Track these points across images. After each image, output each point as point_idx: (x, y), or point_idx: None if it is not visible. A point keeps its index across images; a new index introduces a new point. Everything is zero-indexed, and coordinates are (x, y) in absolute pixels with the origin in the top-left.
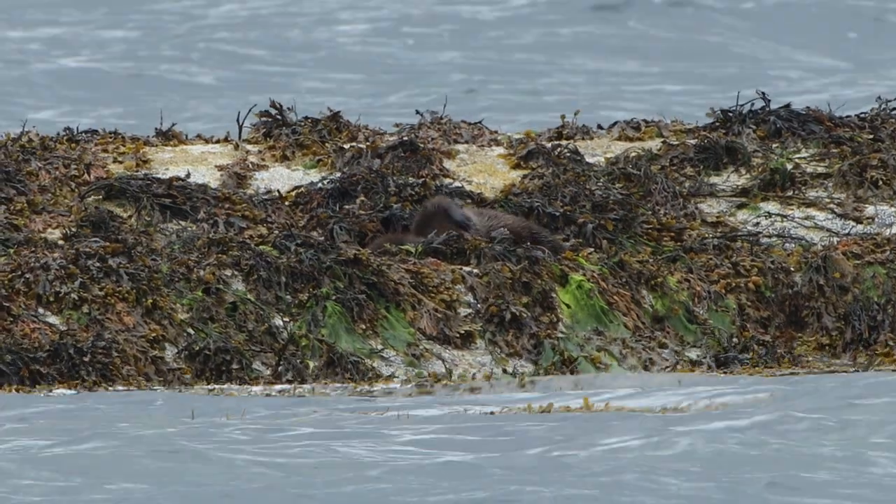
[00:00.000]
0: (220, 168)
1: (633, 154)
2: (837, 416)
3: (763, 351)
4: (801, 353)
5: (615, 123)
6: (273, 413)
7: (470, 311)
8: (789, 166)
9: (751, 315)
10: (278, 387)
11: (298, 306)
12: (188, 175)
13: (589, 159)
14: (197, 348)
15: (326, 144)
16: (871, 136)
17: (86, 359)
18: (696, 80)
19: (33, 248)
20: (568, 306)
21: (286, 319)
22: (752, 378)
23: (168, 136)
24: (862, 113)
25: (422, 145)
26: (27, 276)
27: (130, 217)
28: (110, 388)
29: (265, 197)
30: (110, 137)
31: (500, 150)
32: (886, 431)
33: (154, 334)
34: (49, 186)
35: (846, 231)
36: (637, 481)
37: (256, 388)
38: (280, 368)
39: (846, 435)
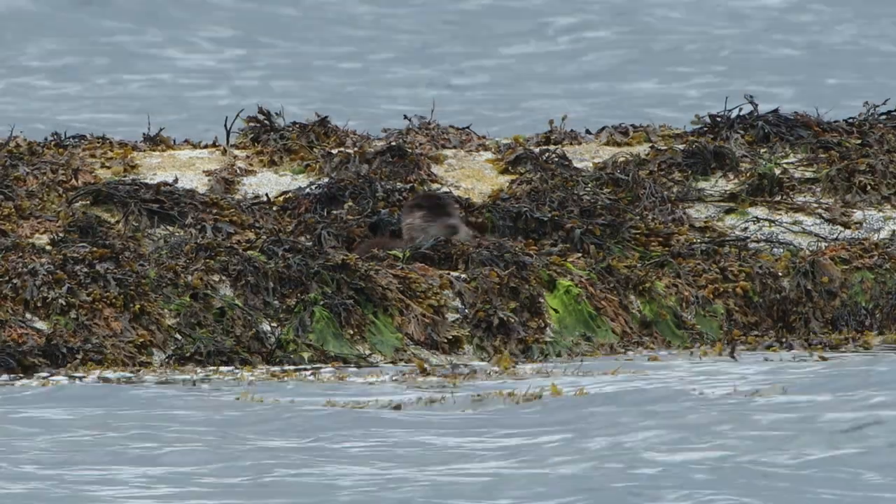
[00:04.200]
0: (208, 173)
1: (622, 159)
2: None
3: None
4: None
5: (603, 128)
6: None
7: (458, 316)
8: (777, 171)
9: (738, 320)
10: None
11: (286, 311)
12: (176, 180)
13: (577, 164)
14: (188, 353)
15: (314, 149)
16: (860, 141)
17: (78, 356)
18: None
19: (21, 254)
20: (556, 311)
21: (274, 325)
22: None
23: (156, 142)
24: (850, 118)
25: (410, 150)
26: (14, 281)
27: (118, 222)
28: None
29: (253, 202)
30: (98, 142)
31: (488, 154)
32: None
33: (142, 339)
34: (37, 191)
35: (834, 236)
36: None
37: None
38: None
39: None
